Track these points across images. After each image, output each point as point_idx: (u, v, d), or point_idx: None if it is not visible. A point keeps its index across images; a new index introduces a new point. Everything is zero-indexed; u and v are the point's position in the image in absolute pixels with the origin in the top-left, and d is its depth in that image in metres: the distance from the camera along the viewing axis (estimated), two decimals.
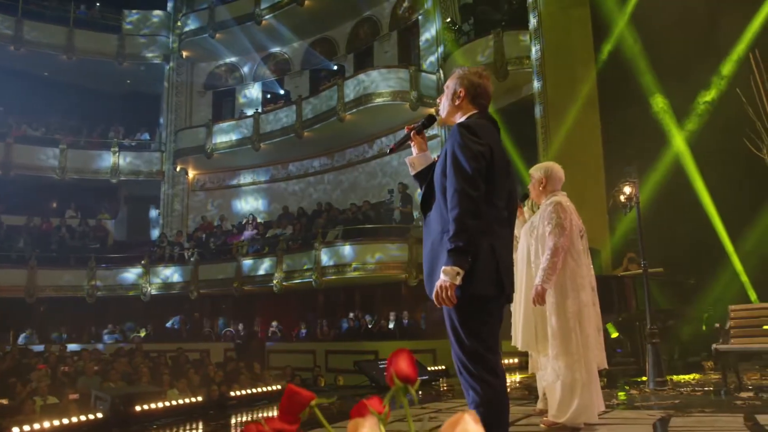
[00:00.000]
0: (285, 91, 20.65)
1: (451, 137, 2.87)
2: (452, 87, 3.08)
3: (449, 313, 2.79)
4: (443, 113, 3.13)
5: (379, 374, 9.12)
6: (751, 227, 9.41)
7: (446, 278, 2.64)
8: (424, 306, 17.13)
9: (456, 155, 2.77)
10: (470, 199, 2.68)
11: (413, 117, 16.92)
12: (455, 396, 7.27)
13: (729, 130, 9.15)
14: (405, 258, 15.94)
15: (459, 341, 2.75)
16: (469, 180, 2.70)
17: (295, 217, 19.23)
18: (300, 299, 18.63)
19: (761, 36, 9.62)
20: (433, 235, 2.89)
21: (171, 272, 19.30)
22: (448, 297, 2.64)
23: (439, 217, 2.88)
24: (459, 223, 2.65)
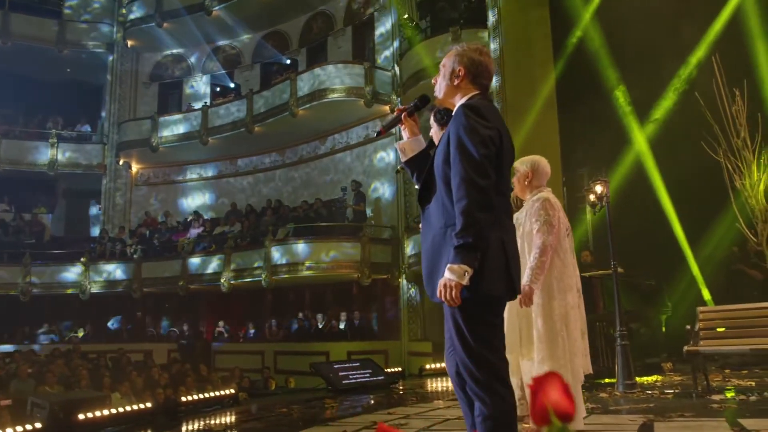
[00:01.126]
0: (235, 85, 20.07)
1: (455, 120, 2.61)
2: (450, 65, 2.82)
3: (453, 315, 2.53)
4: (440, 94, 2.86)
5: (335, 377, 8.82)
6: (709, 231, 9.52)
7: (452, 277, 2.39)
8: (376, 306, 16.92)
9: (462, 140, 2.52)
10: (479, 189, 2.43)
11: (368, 114, 16.71)
12: (420, 400, 7.04)
13: (688, 132, 9.22)
14: (358, 257, 15.64)
15: (465, 346, 2.49)
16: (477, 168, 2.45)
17: (244, 214, 18.69)
18: (248, 299, 18.13)
19: (722, 39, 9.74)
20: (435, 230, 2.64)
21: (112, 270, 18.50)
22: (452, 297, 2.40)
23: (441, 209, 2.62)
24: (467, 217, 2.40)
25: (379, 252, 15.87)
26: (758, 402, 5.21)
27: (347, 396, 7.91)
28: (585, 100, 10.76)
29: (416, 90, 14.98)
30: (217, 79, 20.57)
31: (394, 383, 9.07)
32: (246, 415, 6.84)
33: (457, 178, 2.48)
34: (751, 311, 6.13)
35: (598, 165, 9.77)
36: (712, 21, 9.93)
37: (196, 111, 19.24)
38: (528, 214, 4.39)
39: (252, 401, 8.18)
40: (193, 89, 21.22)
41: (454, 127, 2.59)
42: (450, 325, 2.58)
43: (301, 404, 7.13)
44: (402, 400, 7.02)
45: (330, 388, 8.69)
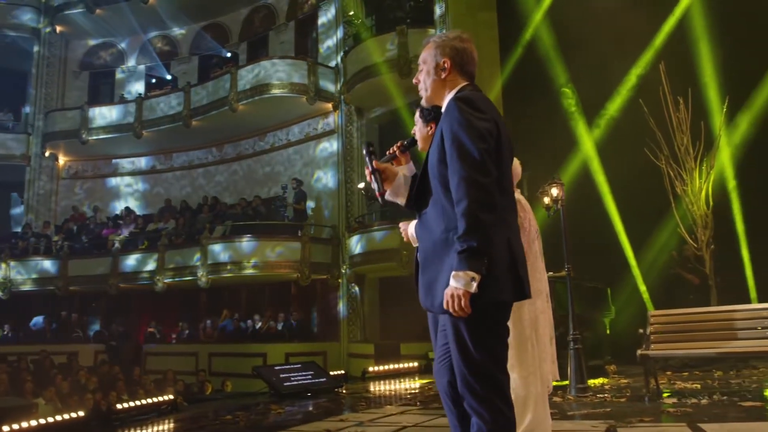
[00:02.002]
0: (172, 77, 19.35)
1: (448, 115, 2.41)
2: (432, 59, 2.60)
3: (455, 324, 2.33)
4: (427, 92, 2.64)
5: (279, 381, 8.52)
6: (653, 235, 9.71)
7: (458, 285, 2.21)
8: (315, 307, 16.64)
9: (458, 136, 2.33)
10: (481, 188, 2.25)
11: (310, 111, 16.42)
12: (369, 405, 6.85)
13: (633, 138, 9.38)
14: (298, 257, 15.32)
15: (466, 357, 2.30)
16: (477, 165, 2.27)
17: (179, 211, 18.07)
18: (181, 298, 17.51)
19: (669, 48, 9.96)
20: (435, 236, 2.42)
21: (36, 267, 17.51)
22: (461, 307, 2.21)
23: (440, 213, 2.42)
24: (470, 218, 2.22)
25: (319, 252, 15.60)
26: (712, 405, 5.27)
27: (292, 401, 7.65)
28: (533, 102, 10.83)
29: (362, 87, 14.83)
30: (152, 71, 19.79)
31: (338, 387, 8.85)
32: (188, 423, 6.48)
33: (456, 177, 2.29)
34: (700, 315, 6.23)
35: (546, 167, 9.83)
36: (660, 27, 10.14)
37: (130, 102, 18.46)
38: None
39: (191, 407, 7.79)
40: (127, 81, 20.35)
41: (447, 123, 2.40)
42: (450, 336, 2.37)
43: (246, 410, 6.82)
44: (351, 406, 6.82)
45: (272, 392, 8.40)
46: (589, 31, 9.87)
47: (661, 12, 10.15)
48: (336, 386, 8.86)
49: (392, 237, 13.72)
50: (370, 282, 15.48)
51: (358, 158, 15.86)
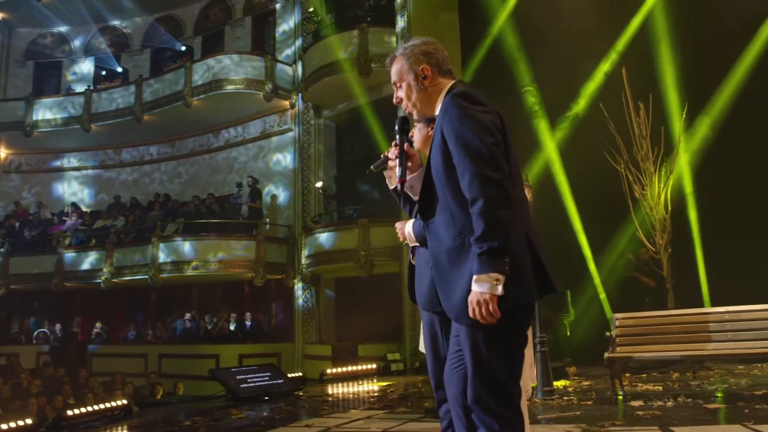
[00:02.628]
0: (123, 69, 18.74)
1: (446, 113, 2.28)
2: (409, 71, 2.48)
3: (473, 333, 2.19)
4: (416, 107, 2.51)
5: (236, 384, 8.27)
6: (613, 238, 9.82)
7: (483, 290, 2.08)
8: (268, 307, 16.37)
9: (461, 133, 2.21)
10: (494, 184, 2.12)
11: (267, 108, 16.14)
12: (333, 409, 6.69)
13: (595, 141, 9.45)
14: (252, 256, 15.03)
15: (481, 366, 2.18)
16: (487, 160, 2.15)
17: (128, 207, 17.52)
18: (130, 297, 17.01)
19: (631, 53, 10.09)
20: (447, 243, 2.28)
21: None
22: (489, 312, 2.08)
23: (450, 219, 2.28)
24: (488, 217, 2.09)
25: (274, 251, 15.35)
26: (678, 408, 5.30)
27: (251, 405, 7.43)
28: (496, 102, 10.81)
29: (321, 85, 14.63)
30: (102, 62, 19.11)
31: (297, 390, 8.65)
32: (144, 429, 6.20)
33: (467, 176, 2.16)
34: (665, 318, 6.29)
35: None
36: (623, 29, 10.26)
37: (79, 94, 17.78)
38: None
39: (144, 412, 7.47)
40: (75, 72, 19.62)
41: (447, 121, 2.26)
42: (466, 345, 2.23)
43: (204, 415, 6.58)
44: (315, 410, 6.65)
45: (230, 395, 8.14)
46: (554, 31, 9.92)
47: (625, 14, 10.27)
48: (295, 389, 8.65)
49: (350, 237, 13.59)
50: (326, 282, 15.30)
51: (315, 156, 15.67)
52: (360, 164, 15.61)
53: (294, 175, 15.79)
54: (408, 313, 12.37)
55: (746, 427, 4.33)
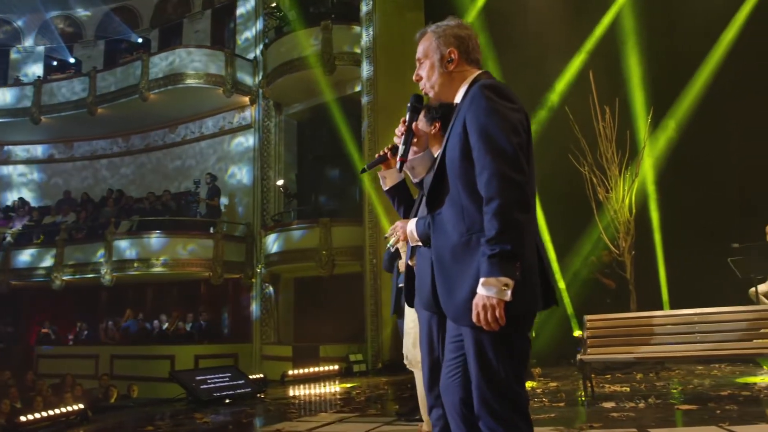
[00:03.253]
0: (75, 60, 18.10)
1: (474, 104, 2.16)
2: (436, 51, 2.38)
3: (478, 337, 2.09)
4: (434, 89, 2.39)
5: (197, 386, 8.03)
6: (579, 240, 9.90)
7: (490, 294, 1.98)
8: (226, 307, 16.05)
9: (487, 127, 2.10)
10: (516, 186, 2.03)
11: (226, 104, 15.83)
12: (301, 412, 6.54)
13: (561, 144, 9.51)
14: (210, 255, 14.70)
15: (488, 373, 2.09)
16: (510, 160, 2.05)
17: (80, 203, 16.95)
18: (80, 297, 16.41)
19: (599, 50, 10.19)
20: (453, 239, 2.18)
21: None
22: (496, 318, 1.98)
23: (459, 214, 2.18)
24: (504, 219, 2.00)
25: (232, 250, 15.05)
26: (650, 409, 5.33)
27: (214, 408, 7.21)
28: None
29: (282, 82, 14.40)
30: (53, 52, 18.41)
31: (260, 392, 8.45)
32: None
33: (487, 173, 2.06)
34: (634, 320, 6.33)
35: None
36: (591, 32, 10.35)
37: (28, 85, 17.09)
38: None
39: (101, 416, 7.16)
40: (24, 61, 18.85)
41: (473, 113, 2.16)
42: (470, 350, 2.14)
43: (167, 419, 6.34)
44: (282, 413, 6.48)
45: (191, 398, 7.90)
46: (522, 30, 9.94)
47: (594, 13, 10.37)
48: (257, 391, 8.46)
49: (311, 236, 13.40)
50: (285, 282, 15.07)
51: (276, 154, 15.43)
52: (322, 163, 15.46)
53: (253, 173, 15.51)
54: (370, 313, 12.27)
55: (722, 428, 4.36)
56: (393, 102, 12.71)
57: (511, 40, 10.29)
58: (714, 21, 9.50)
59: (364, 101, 12.98)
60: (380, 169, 3.15)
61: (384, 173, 3.08)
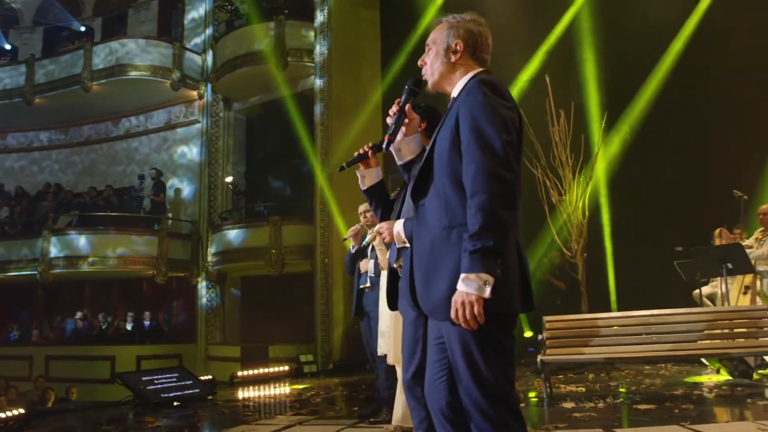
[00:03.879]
0: (11, 46, 17.28)
1: (469, 97, 2.14)
2: (444, 40, 2.35)
3: (462, 337, 2.04)
4: (435, 75, 2.36)
5: (145, 388, 7.73)
6: (535, 242, 9.99)
7: (469, 290, 1.93)
8: (169, 306, 15.61)
9: (479, 122, 2.07)
10: (503, 183, 2.01)
11: (173, 97, 15.40)
12: (258, 415, 6.36)
13: None
14: (154, 252, 14.25)
15: (476, 374, 2.03)
16: (499, 157, 2.02)
17: (13, 197, 16.18)
18: (12, 295, 15.67)
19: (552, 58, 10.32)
20: (434, 232, 2.15)
21: None
22: (474, 315, 1.93)
23: (442, 206, 2.14)
24: (489, 215, 1.96)
25: (177, 248, 14.63)
26: (610, 409, 5.38)
27: (165, 411, 6.94)
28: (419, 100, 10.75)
29: (233, 77, 14.11)
30: None
31: (210, 394, 8.20)
32: None
33: (473, 167, 2.02)
34: (592, 321, 6.40)
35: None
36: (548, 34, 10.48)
37: None
38: None
39: (41, 421, 6.78)
40: None
41: (467, 106, 2.12)
42: (456, 350, 2.08)
43: (115, 424, 6.05)
44: (237, 416, 6.28)
45: (137, 401, 7.59)
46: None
47: (552, 17, 10.50)
48: (208, 393, 8.21)
49: (261, 235, 13.16)
50: (232, 281, 14.77)
51: (224, 150, 15.10)
52: (272, 160, 15.21)
53: (200, 169, 15.13)
54: (320, 313, 12.13)
55: (684, 427, 4.43)
56: (347, 99, 12.63)
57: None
58: (664, 29, 9.76)
59: (318, 98, 12.83)
60: (358, 168, 3.08)
61: (363, 172, 3.05)
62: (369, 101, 12.34)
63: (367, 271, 5.40)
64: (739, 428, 4.30)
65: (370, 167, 3.04)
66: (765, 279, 7.02)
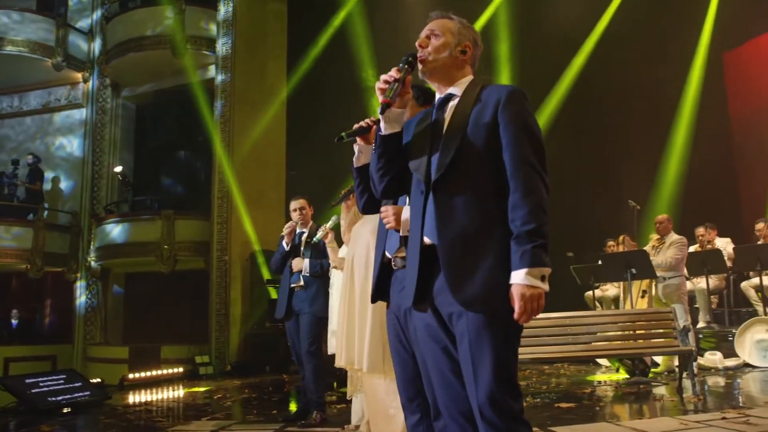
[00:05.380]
0: None
1: (513, 102, 2.16)
2: (456, 35, 2.33)
3: (493, 330, 2.01)
4: (436, 61, 2.29)
5: (32, 393, 7.07)
6: None
7: (535, 283, 1.96)
8: (43, 303, 14.47)
9: (528, 128, 2.14)
10: (546, 187, 2.11)
11: (54, 78, 14.28)
12: (170, 421, 5.97)
13: None
14: (28, 245, 13.11)
15: (501, 364, 2.01)
16: (544, 163, 2.13)
17: None
18: None
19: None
20: (465, 225, 2.10)
21: None
22: (536, 308, 1.98)
23: (474, 202, 2.11)
24: (543, 214, 2.04)
25: (55, 241, 13.55)
26: (534, 408, 5.53)
27: (59, 419, 6.38)
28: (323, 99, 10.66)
29: (124, 60, 13.30)
30: None
31: (106, 398, 7.64)
32: None
33: (526, 166, 2.08)
34: None
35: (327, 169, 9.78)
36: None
37: None
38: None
39: None
40: None
41: (515, 110, 2.15)
42: (484, 344, 2.02)
43: None
44: (148, 423, 5.87)
45: (23, 408, 6.92)
46: (395, 26, 9.99)
47: (470, 17, 10.71)
48: (103, 397, 7.65)
49: (151, 229, 12.47)
50: (115, 277, 13.89)
51: (111, 138, 14.19)
52: (165, 152, 14.46)
53: (83, 158, 14.12)
54: (215, 312, 11.70)
55: (613, 424, 4.63)
56: (251, 92, 12.27)
57: (384, 32, 10.30)
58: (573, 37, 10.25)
59: (219, 88, 12.38)
60: (355, 141, 2.72)
61: (361, 147, 2.69)
62: (275, 97, 12.07)
63: (300, 270, 5.24)
64: (664, 423, 4.53)
65: (369, 143, 2.71)
66: (660, 284, 7.50)
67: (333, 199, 4.38)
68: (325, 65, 11.23)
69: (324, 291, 5.14)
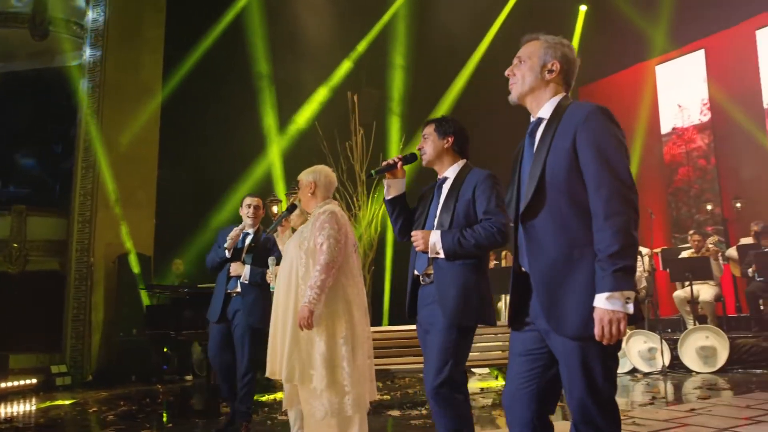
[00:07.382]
0: None
1: (590, 122, 2.22)
2: (540, 57, 2.41)
3: (586, 351, 2.12)
4: (523, 87, 2.41)
5: None
6: None
7: (616, 307, 2.04)
8: None
9: (604, 147, 2.18)
10: (633, 207, 2.14)
11: None
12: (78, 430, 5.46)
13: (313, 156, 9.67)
14: None
15: (593, 387, 2.12)
16: (627, 182, 2.16)
17: None
18: None
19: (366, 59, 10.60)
20: (552, 253, 2.21)
21: None
22: (620, 331, 2.05)
23: (560, 229, 2.21)
24: (626, 236, 2.08)
25: None
26: None
27: None
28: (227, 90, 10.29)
29: None
30: None
31: None
32: None
33: (606, 190, 2.13)
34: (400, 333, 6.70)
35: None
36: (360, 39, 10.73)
37: None
38: (312, 228, 3.96)
39: None
40: None
41: (591, 132, 2.20)
42: (575, 364, 2.14)
43: None
44: None
45: None
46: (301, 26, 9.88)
47: (366, 24, 10.79)
48: None
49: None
50: None
51: None
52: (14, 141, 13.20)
53: None
54: (71, 318, 10.84)
55: None
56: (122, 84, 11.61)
57: (283, 32, 10.13)
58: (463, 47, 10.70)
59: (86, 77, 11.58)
60: (384, 177, 3.35)
61: (390, 182, 3.34)
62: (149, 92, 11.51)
63: (239, 276, 5.06)
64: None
65: (397, 178, 3.33)
66: None
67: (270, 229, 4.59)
68: (203, 69, 10.91)
69: (262, 301, 4.99)
